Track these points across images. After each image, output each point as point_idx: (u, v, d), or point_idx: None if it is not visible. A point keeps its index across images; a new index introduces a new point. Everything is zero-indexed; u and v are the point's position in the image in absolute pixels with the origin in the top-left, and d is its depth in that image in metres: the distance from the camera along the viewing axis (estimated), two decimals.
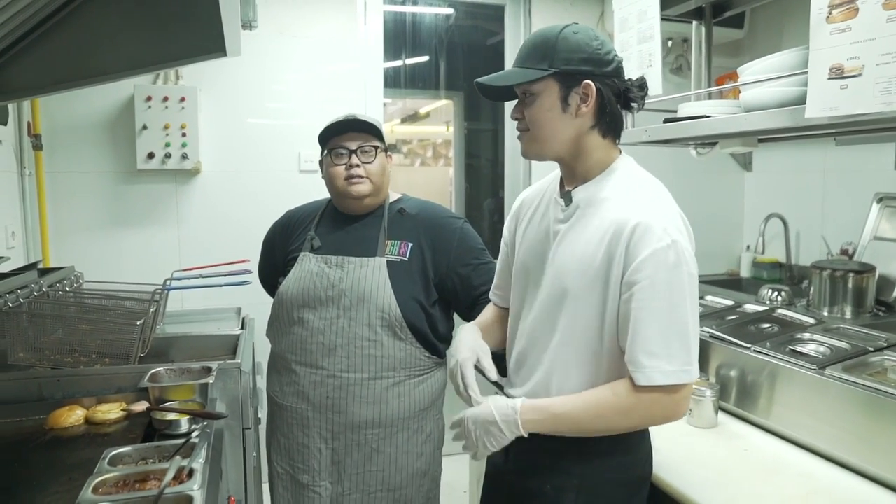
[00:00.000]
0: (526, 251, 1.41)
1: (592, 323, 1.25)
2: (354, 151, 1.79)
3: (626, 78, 1.30)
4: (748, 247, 3.91)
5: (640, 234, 1.18)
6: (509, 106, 1.42)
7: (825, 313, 2.15)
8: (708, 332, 1.85)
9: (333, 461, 1.76)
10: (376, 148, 1.81)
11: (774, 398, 1.63)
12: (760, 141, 1.92)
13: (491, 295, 1.62)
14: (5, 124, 2.55)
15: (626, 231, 1.19)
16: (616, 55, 1.28)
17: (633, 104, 1.30)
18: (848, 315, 2.17)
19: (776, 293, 2.73)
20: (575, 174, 1.32)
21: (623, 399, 1.19)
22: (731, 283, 3.72)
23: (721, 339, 1.80)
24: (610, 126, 1.29)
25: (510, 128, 3.59)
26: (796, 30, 3.38)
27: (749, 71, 1.68)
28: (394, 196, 1.92)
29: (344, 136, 1.81)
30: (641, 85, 1.31)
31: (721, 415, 1.71)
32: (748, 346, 1.69)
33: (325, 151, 1.83)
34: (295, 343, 1.77)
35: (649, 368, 1.16)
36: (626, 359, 1.19)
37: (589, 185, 1.30)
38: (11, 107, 2.63)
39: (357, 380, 1.73)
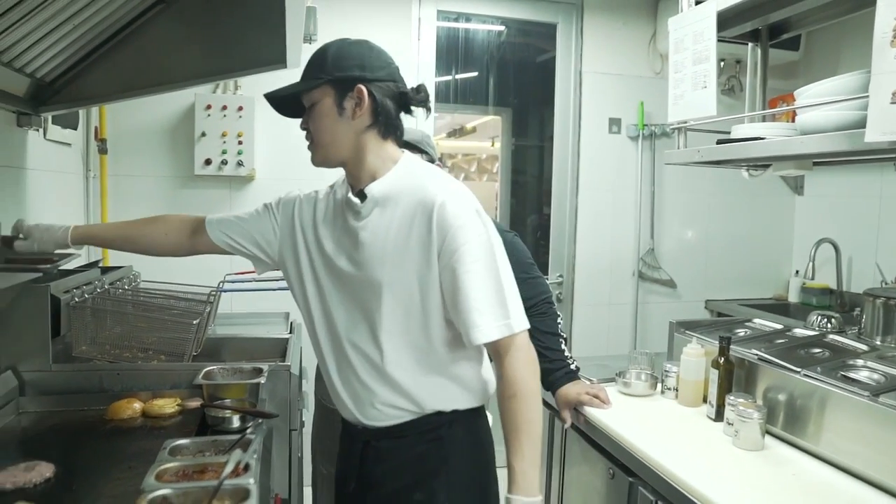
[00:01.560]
0: (327, 256, 1.44)
1: (415, 304, 1.34)
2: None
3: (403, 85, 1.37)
4: (797, 272, 3.84)
5: (448, 209, 1.29)
6: (555, 122, 1.51)
7: (878, 342, 2.10)
8: (756, 355, 1.83)
9: None
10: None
11: (824, 424, 1.60)
12: (815, 164, 1.91)
13: (211, 227, 1.60)
14: (75, 129, 2.67)
15: (434, 209, 1.29)
16: (391, 62, 1.38)
17: (411, 107, 1.38)
18: None
19: (826, 320, 2.67)
20: (361, 176, 1.38)
21: (501, 382, 1.33)
22: (778, 307, 3.66)
23: (769, 362, 1.77)
24: (388, 127, 1.37)
25: (557, 145, 3.61)
26: (854, 53, 3.33)
27: (806, 94, 1.67)
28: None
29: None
30: (419, 88, 1.38)
31: (768, 438, 1.69)
32: (798, 369, 1.67)
33: None
34: None
35: (482, 325, 1.28)
36: (461, 327, 1.31)
37: (382, 181, 1.36)
38: (81, 113, 2.76)
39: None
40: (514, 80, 3.94)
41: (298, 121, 1.44)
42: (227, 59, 2.10)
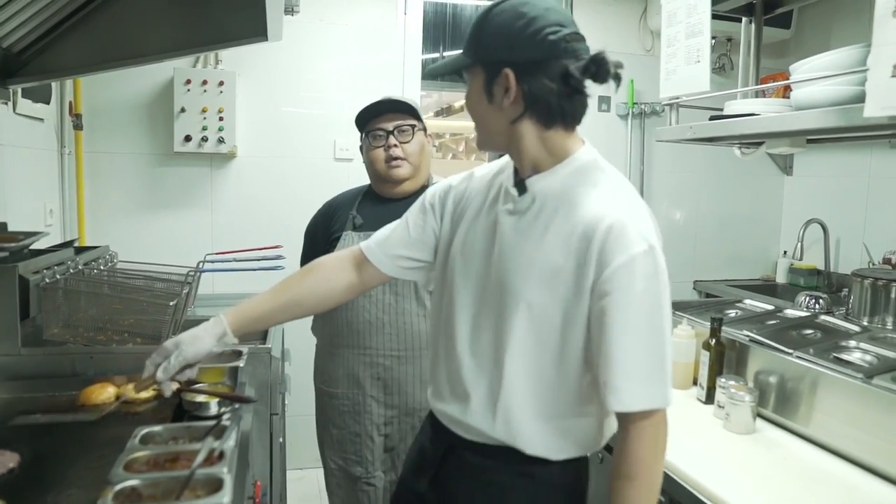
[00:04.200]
0: (468, 242, 1.24)
1: (553, 336, 1.12)
2: (392, 132, 1.76)
3: (578, 56, 1.09)
4: (785, 252, 3.83)
5: (614, 236, 1.05)
6: None
7: (865, 322, 2.09)
8: (747, 336, 1.80)
9: (387, 448, 1.74)
10: (413, 127, 1.79)
11: (816, 406, 1.57)
12: (809, 142, 1.87)
13: (370, 250, 1.36)
14: (48, 103, 2.58)
15: (598, 232, 1.06)
16: (554, 30, 1.08)
17: (583, 87, 1.11)
18: (889, 325, 2.10)
19: (814, 300, 2.66)
20: (523, 165, 1.18)
21: (621, 455, 1.10)
22: (766, 288, 3.65)
23: (761, 344, 1.74)
24: (551, 115, 1.12)
25: None
26: (845, 32, 3.29)
27: (802, 69, 1.62)
28: (436, 178, 1.89)
29: (381, 117, 1.79)
30: (596, 60, 1.07)
31: (758, 421, 1.66)
32: (790, 351, 1.64)
33: (364, 135, 1.82)
34: (340, 325, 1.76)
35: (625, 391, 1.05)
36: (600, 382, 1.08)
37: (546, 175, 1.15)
38: (54, 86, 2.67)
39: (408, 357, 1.69)
40: None
41: (283, 96, 1.31)
42: (207, 30, 2.01)
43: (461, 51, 1.19)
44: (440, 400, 1.28)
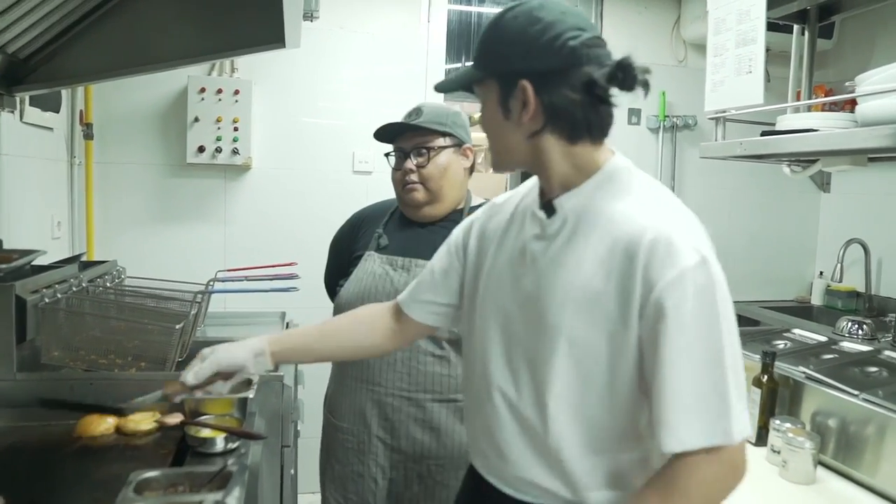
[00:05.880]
0: (493, 276, 1.14)
1: (600, 370, 0.99)
2: (409, 154, 1.64)
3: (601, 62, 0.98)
4: (821, 272, 3.66)
5: (660, 250, 0.93)
6: None
7: None
8: (804, 373, 1.64)
9: (390, 494, 1.60)
10: (431, 148, 1.64)
11: (883, 454, 1.42)
12: (870, 160, 1.72)
13: (404, 303, 1.31)
14: (57, 112, 2.49)
15: (641, 248, 0.94)
16: (574, 35, 0.97)
17: (609, 96, 1.00)
18: None
19: (857, 326, 2.50)
20: (550, 184, 1.06)
21: (661, 481, 0.96)
22: (800, 310, 3.47)
23: (820, 382, 1.59)
24: (575, 127, 1.01)
25: None
26: (889, 42, 3.13)
27: (870, 80, 1.47)
28: (477, 200, 1.74)
29: (400, 137, 1.66)
30: (621, 66, 0.96)
31: (818, 469, 1.51)
32: (856, 392, 1.48)
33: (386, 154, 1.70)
34: None
35: (681, 427, 0.92)
36: (653, 417, 0.95)
37: (576, 193, 1.04)
38: (65, 94, 2.58)
39: (419, 401, 1.56)
40: None
41: (300, 106, 1.19)
42: (222, 36, 1.92)
43: (470, 63, 1.08)
44: (479, 455, 1.17)
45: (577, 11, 1.02)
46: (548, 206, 1.06)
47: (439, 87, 1.14)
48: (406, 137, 1.65)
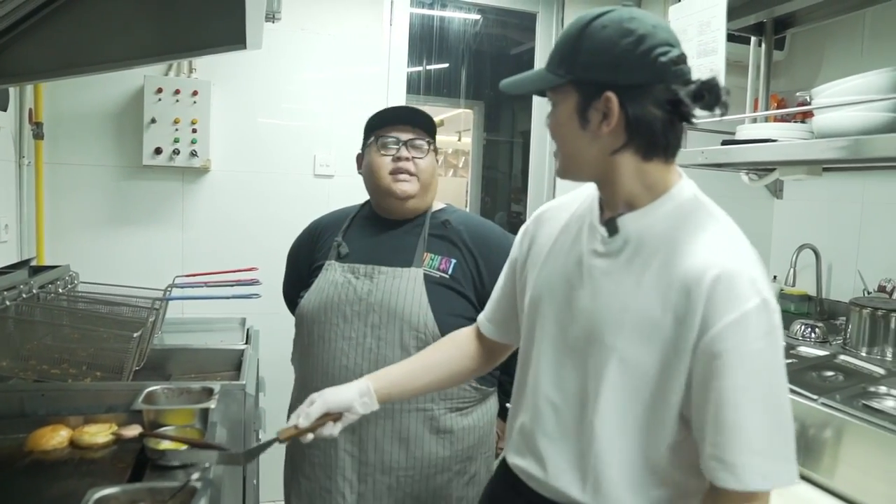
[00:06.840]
0: (545, 283, 1.15)
1: (648, 392, 1.00)
2: (405, 143, 1.61)
3: (686, 80, 0.98)
4: (775, 277, 3.75)
5: (723, 289, 0.93)
6: (534, 117, 1.22)
7: (864, 353, 2.03)
8: None
9: None
10: (429, 144, 1.65)
11: (840, 457, 1.46)
12: (824, 170, 1.77)
13: (480, 324, 1.37)
14: (5, 110, 2.39)
15: (703, 284, 0.94)
16: (665, 51, 0.96)
17: (692, 115, 1.00)
18: (889, 356, 2.04)
19: (810, 329, 2.58)
20: (615, 200, 1.06)
21: None
22: None
23: None
24: (652, 146, 1.00)
25: (534, 139, 3.43)
26: (837, 55, 3.23)
27: (826, 93, 1.52)
28: (438, 205, 1.73)
29: (396, 126, 1.63)
30: (708, 86, 0.98)
31: None
32: (815, 397, 1.52)
33: (371, 139, 1.65)
34: (315, 367, 1.58)
35: (745, 468, 0.92)
36: (708, 454, 0.95)
37: (642, 214, 1.03)
38: (13, 91, 2.47)
39: (386, 412, 1.51)
40: (489, 73, 3.76)
41: (260, 108, 1.17)
42: (181, 36, 1.87)
43: (543, 67, 1.06)
44: (517, 454, 1.18)
45: (666, 25, 1.01)
46: (610, 224, 1.06)
47: (509, 88, 1.11)
48: (402, 128, 1.63)
